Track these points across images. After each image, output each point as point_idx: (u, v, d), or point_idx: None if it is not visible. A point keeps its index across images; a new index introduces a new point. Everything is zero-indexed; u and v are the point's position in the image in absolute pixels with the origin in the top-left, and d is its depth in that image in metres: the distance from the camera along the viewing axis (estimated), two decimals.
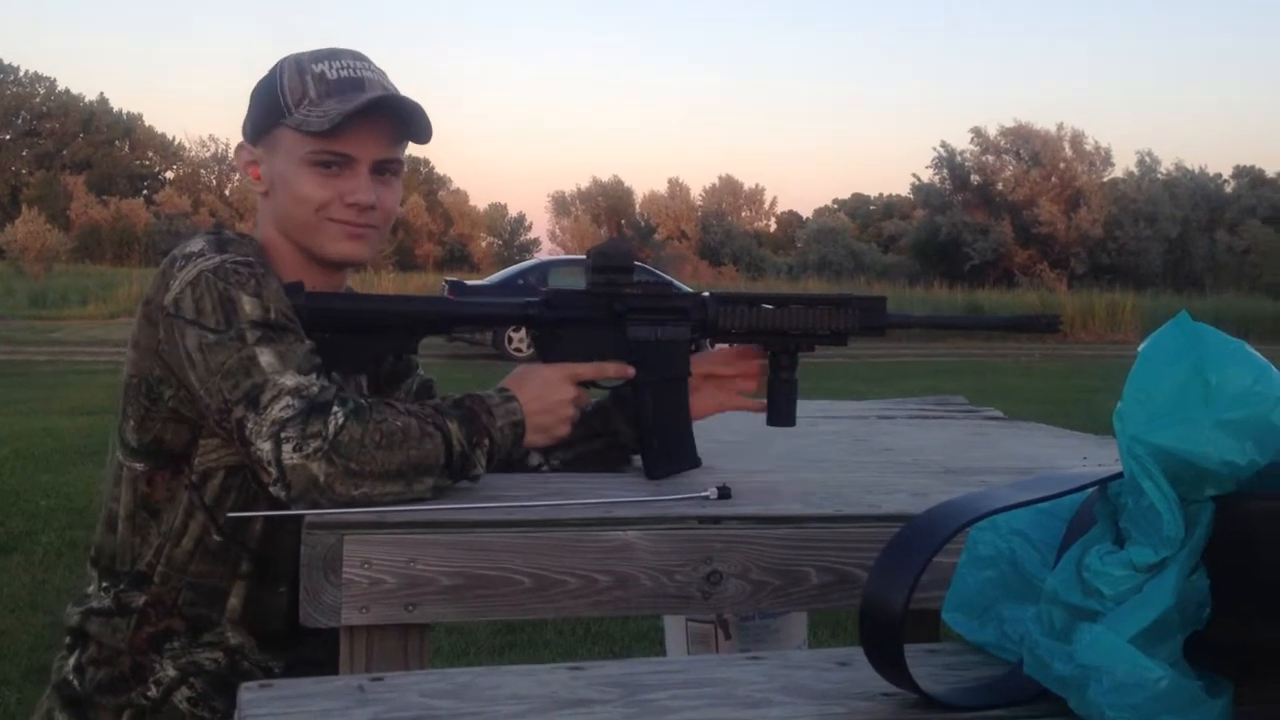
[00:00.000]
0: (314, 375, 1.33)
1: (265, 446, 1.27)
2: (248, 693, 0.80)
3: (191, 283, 1.36)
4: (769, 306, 1.55)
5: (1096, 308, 25.05)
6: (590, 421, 1.61)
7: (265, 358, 1.31)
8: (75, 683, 1.46)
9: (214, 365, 1.32)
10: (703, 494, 1.36)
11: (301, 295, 1.43)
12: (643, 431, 1.54)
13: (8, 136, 56.29)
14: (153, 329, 1.40)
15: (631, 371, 1.53)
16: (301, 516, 1.24)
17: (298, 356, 1.33)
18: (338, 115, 1.44)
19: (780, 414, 1.59)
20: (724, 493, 1.36)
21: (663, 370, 1.54)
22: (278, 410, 1.27)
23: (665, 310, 1.53)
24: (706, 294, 1.56)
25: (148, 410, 1.42)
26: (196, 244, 1.43)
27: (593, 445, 1.64)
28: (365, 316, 1.50)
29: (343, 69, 1.49)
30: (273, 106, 1.48)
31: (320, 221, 1.49)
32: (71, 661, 1.47)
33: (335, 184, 1.48)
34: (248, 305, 1.34)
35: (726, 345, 1.62)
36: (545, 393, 1.46)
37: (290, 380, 1.30)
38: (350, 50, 1.53)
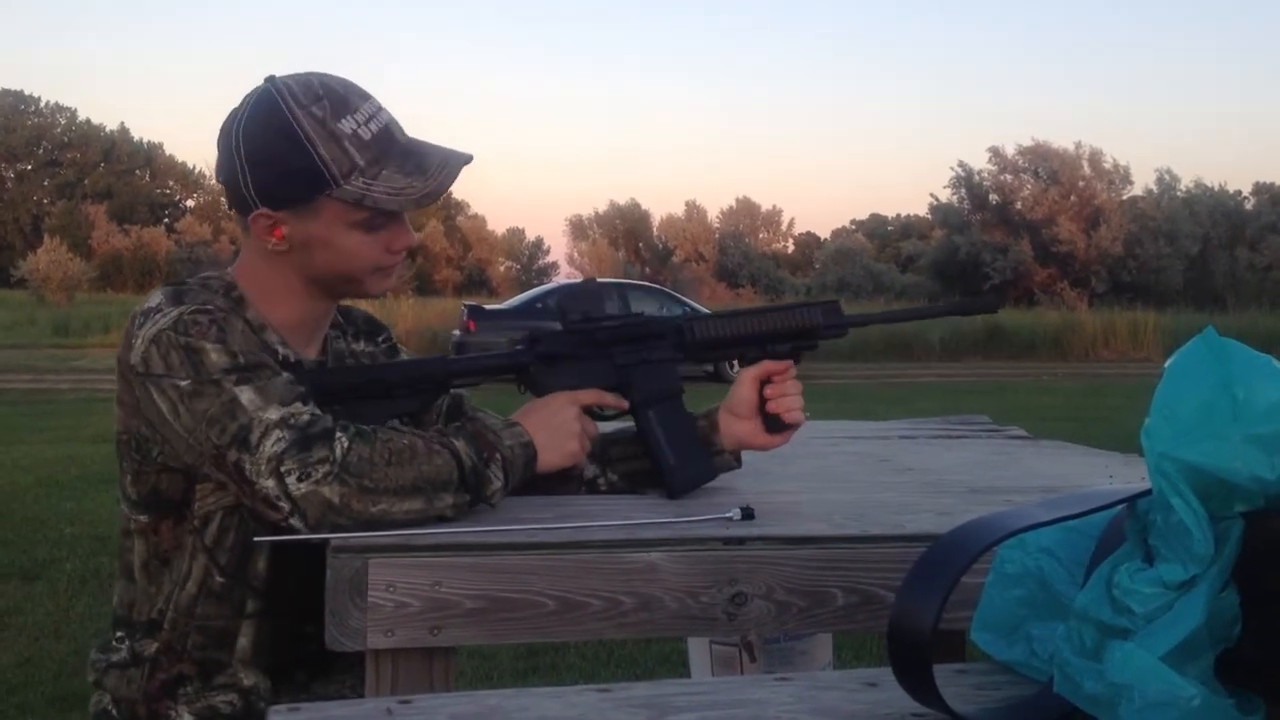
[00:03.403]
0: (298, 403, 1.32)
1: (269, 484, 1.26)
2: (277, 716, 0.81)
3: (154, 340, 1.35)
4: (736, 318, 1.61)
5: (1118, 326, 24.99)
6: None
7: (245, 396, 1.31)
8: None
9: (197, 414, 1.31)
10: (726, 515, 1.36)
11: (304, 376, 1.43)
12: (654, 452, 1.55)
13: (29, 167, 56.90)
14: (131, 386, 1.40)
15: (626, 404, 1.56)
16: (318, 550, 1.24)
17: (278, 389, 1.33)
18: (418, 195, 1.43)
19: (777, 425, 1.59)
20: (747, 513, 1.36)
21: (656, 387, 1.56)
22: (270, 445, 1.27)
23: (645, 336, 1.57)
24: (678, 316, 1.61)
25: (140, 464, 1.43)
26: (154, 299, 1.42)
27: (646, 462, 1.61)
28: (367, 387, 1.52)
29: (367, 120, 1.43)
30: (311, 178, 1.40)
31: (367, 274, 1.49)
32: (97, 705, 1.50)
33: (382, 238, 1.47)
34: (214, 354, 1.33)
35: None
36: (548, 415, 1.47)
37: (275, 414, 1.29)
38: (340, 80, 1.46)
